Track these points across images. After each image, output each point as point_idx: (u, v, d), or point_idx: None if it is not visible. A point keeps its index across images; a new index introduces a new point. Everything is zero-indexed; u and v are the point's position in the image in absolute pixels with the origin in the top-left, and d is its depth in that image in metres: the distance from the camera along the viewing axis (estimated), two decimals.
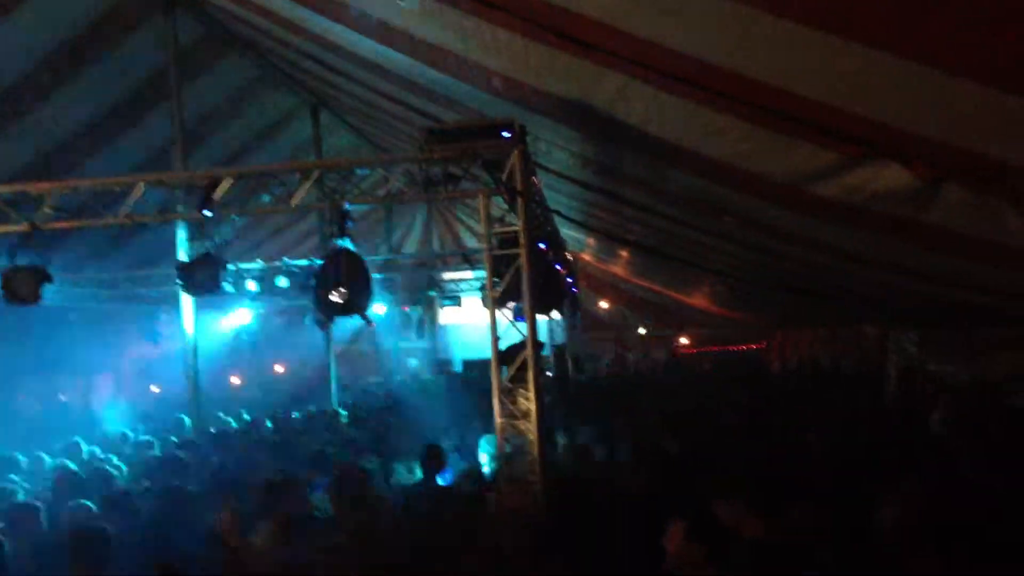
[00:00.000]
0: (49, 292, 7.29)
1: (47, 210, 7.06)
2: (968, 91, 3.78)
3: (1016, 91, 3.69)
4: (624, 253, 16.81)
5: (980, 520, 4.46)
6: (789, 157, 5.46)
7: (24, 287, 7.11)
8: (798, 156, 5.36)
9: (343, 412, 13.17)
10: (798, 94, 4.62)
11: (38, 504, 6.42)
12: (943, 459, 6.59)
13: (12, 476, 7.98)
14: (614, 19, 4.88)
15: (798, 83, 4.58)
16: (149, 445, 10.12)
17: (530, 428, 6.62)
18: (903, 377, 12.47)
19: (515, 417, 6.68)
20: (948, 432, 8.03)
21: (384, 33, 7.18)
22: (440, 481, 7.60)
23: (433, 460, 8.10)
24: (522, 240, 6.73)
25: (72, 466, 8.05)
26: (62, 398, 17.30)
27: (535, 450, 6.54)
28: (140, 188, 7.07)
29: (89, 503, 6.26)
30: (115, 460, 8.84)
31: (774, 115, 4.93)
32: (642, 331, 24.23)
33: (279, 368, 21.10)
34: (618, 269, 20.00)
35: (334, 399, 15.18)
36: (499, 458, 6.72)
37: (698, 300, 19.48)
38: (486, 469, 7.69)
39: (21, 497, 6.87)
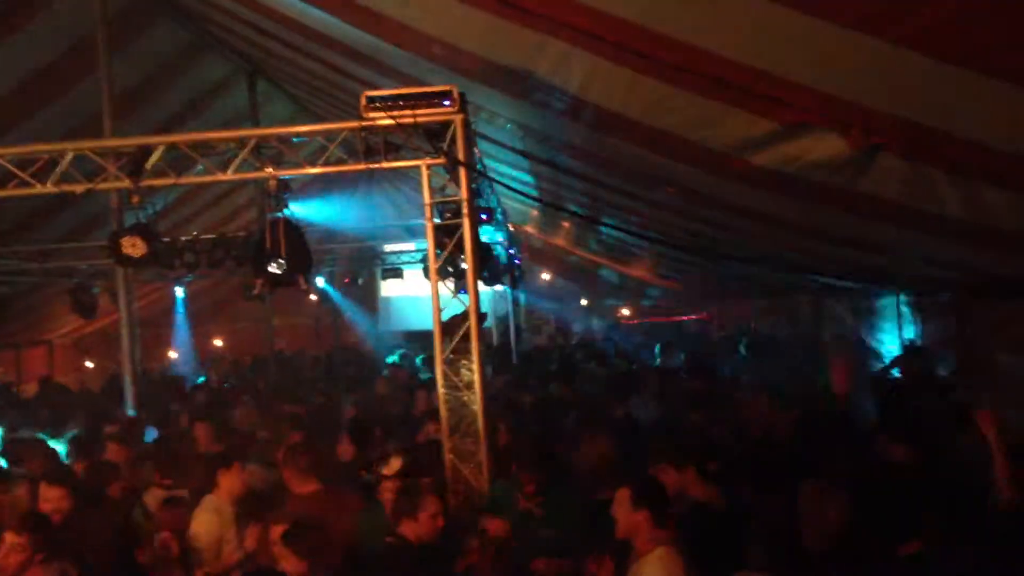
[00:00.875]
0: None
1: None
2: (905, 59, 3.82)
3: (952, 60, 3.74)
4: (566, 224, 16.84)
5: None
6: (727, 126, 5.49)
7: None
8: (736, 125, 5.39)
9: None
10: (737, 62, 4.64)
11: None
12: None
13: None
14: None
15: (737, 51, 4.60)
16: None
17: (473, 399, 6.61)
18: (837, 345, 12.73)
19: (457, 388, 6.66)
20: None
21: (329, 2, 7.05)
22: None
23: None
24: (465, 210, 6.69)
25: None
26: None
27: (479, 421, 6.54)
28: (69, 156, 6.87)
29: None
30: None
31: (713, 83, 4.95)
32: (584, 302, 24.40)
33: (217, 342, 20.82)
34: (560, 240, 20.05)
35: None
36: (444, 428, 6.70)
37: (639, 271, 19.64)
38: None
39: None
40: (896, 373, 10.24)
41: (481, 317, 6.78)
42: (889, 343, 11.44)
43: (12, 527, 5.17)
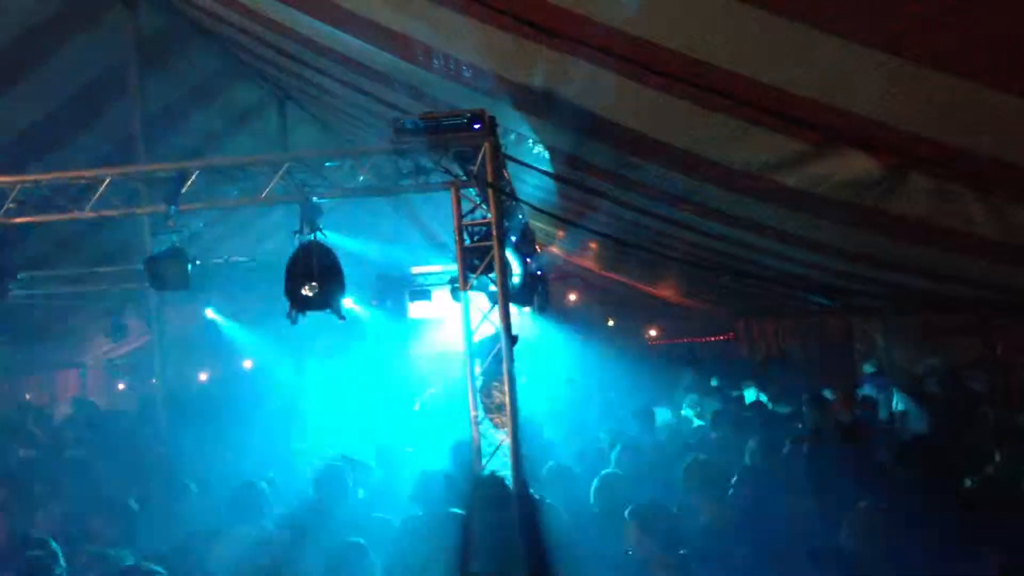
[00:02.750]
0: (14, 287, 7.22)
1: (11, 205, 6.96)
2: (934, 80, 3.84)
3: (978, 79, 3.76)
4: (592, 245, 16.86)
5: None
6: (753, 146, 5.51)
7: None
8: (762, 145, 5.41)
9: None
10: (762, 82, 4.66)
11: None
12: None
13: None
14: (580, 6, 4.90)
15: (761, 71, 4.63)
16: None
17: (505, 421, 6.63)
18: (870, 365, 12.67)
19: (490, 411, 6.69)
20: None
21: (351, 23, 7.15)
22: None
23: None
24: (495, 233, 6.74)
25: None
26: (27, 397, 17.08)
27: (510, 443, 6.56)
28: (107, 181, 7.00)
29: None
30: None
31: (739, 103, 4.97)
32: (610, 323, 24.36)
33: (247, 364, 20.94)
34: (586, 262, 20.06)
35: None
36: (475, 450, 6.73)
37: (664, 291, 19.61)
38: None
39: None
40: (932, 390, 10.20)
41: (513, 339, 6.81)
42: (918, 362, 11.37)
43: None
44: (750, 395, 13.18)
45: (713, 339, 23.41)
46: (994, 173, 4.60)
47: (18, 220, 7.06)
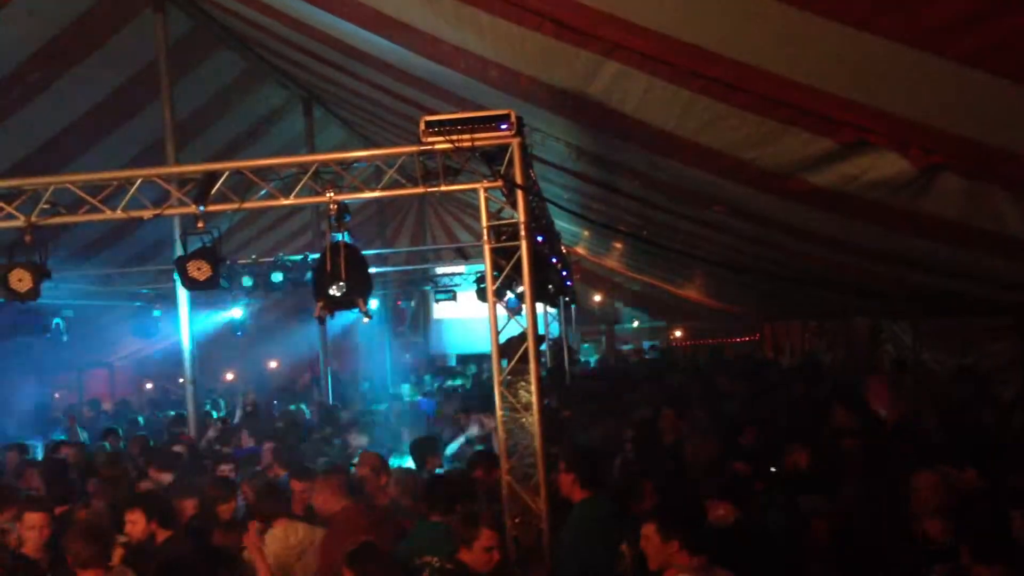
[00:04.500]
0: (45, 288, 7.29)
1: (44, 206, 7.03)
2: (966, 78, 3.81)
3: (1012, 77, 3.72)
4: (618, 246, 16.84)
5: None
6: (784, 145, 5.47)
7: (23, 283, 7.10)
8: (793, 144, 5.37)
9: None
10: (794, 80, 4.64)
11: None
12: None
13: None
14: (610, 6, 4.89)
15: (794, 69, 4.60)
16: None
17: (531, 420, 6.62)
18: (896, 368, 12.53)
19: (516, 410, 6.69)
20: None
21: (378, 23, 7.18)
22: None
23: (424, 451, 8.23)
24: (523, 233, 6.73)
25: None
26: (56, 396, 17.25)
27: (536, 442, 6.56)
28: (138, 182, 7.07)
29: None
30: None
31: (770, 102, 4.95)
32: (635, 324, 24.32)
33: (273, 364, 21.09)
34: (612, 262, 20.05)
35: (330, 394, 15.22)
36: (501, 450, 6.73)
37: (690, 292, 19.54)
38: None
39: None
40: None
41: (539, 339, 6.81)
42: (950, 366, 11.24)
43: None
44: None
45: (739, 340, 23.32)
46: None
47: (51, 221, 7.13)
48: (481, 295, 8.89)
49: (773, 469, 7.19)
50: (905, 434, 7.91)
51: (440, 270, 18.13)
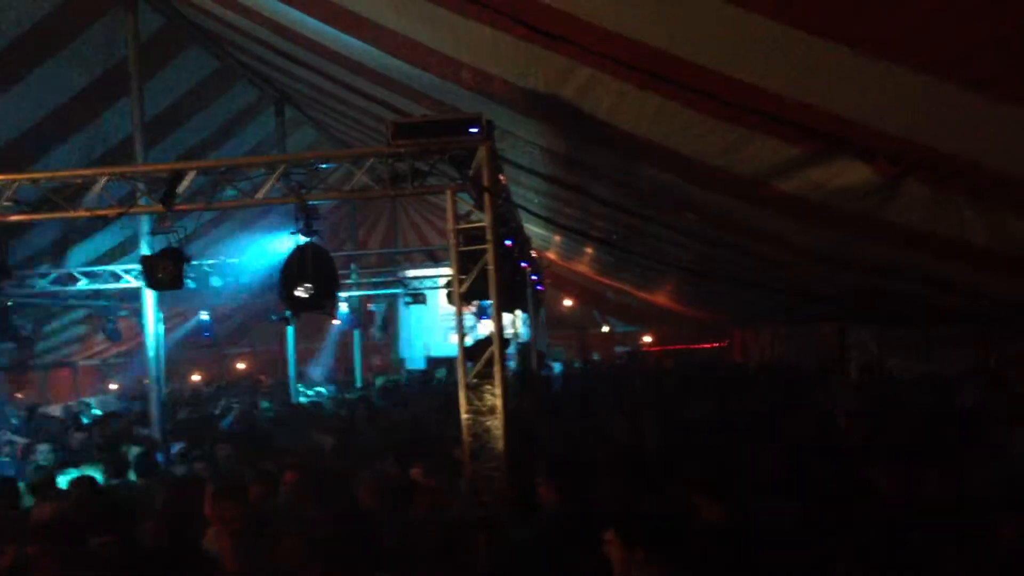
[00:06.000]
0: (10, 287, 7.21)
1: (6, 203, 6.94)
2: (930, 88, 3.85)
3: (977, 88, 3.76)
4: (589, 251, 16.87)
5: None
6: (752, 152, 5.51)
7: None
8: (761, 151, 5.42)
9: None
10: (763, 88, 4.67)
11: None
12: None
13: None
14: (583, 11, 4.90)
15: (764, 77, 4.63)
16: None
17: (496, 424, 6.62)
18: (863, 374, 12.65)
19: (481, 413, 6.68)
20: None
21: (351, 23, 7.15)
22: None
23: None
24: (489, 237, 6.73)
25: None
26: (19, 396, 17.02)
27: (500, 445, 6.55)
28: (103, 180, 6.98)
29: None
30: None
31: (738, 109, 4.98)
32: (605, 329, 24.39)
33: (241, 365, 20.94)
34: (583, 267, 20.08)
35: (294, 395, 15.13)
36: (466, 453, 6.71)
37: (661, 298, 19.62)
38: None
39: None
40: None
41: (505, 343, 6.80)
42: (914, 372, 11.36)
43: None
44: None
45: (708, 346, 23.45)
46: (991, 183, 4.61)
47: (14, 218, 7.03)
48: (450, 298, 8.87)
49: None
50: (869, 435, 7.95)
51: (411, 273, 18.08)
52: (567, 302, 23.49)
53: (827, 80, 4.35)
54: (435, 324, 21.13)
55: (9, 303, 11.48)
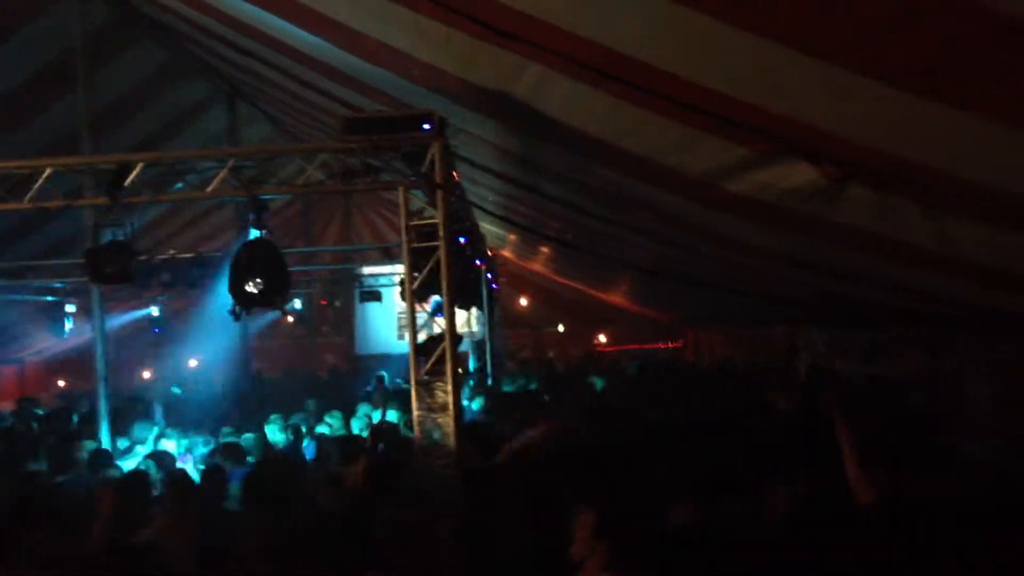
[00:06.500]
0: None
1: None
2: (878, 91, 3.90)
3: (924, 93, 3.82)
4: (544, 250, 16.91)
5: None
6: (703, 152, 5.56)
7: None
8: (711, 151, 5.46)
9: None
10: (713, 89, 4.71)
11: None
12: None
13: None
14: (536, 9, 4.90)
15: (713, 78, 4.67)
16: None
17: (447, 421, 6.61)
18: (809, 375, 12.78)
19: (432, 410, 6.66)
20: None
21: (305, 18, 7.09)
22: None
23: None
24: (442, 234, 6.72)
25: None
26: None
27: (451, 442, 6.54)
28: (47, 172, 6.85)
29: None
30: None
31: (689, 110, 5.01)
32: (561, 328, 24.45)
33: (193, 362, 20.64)
34: (538, 266, 20.11)
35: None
36: (417, 450, 6.70)
37: (615, 298, 19.72)
38: None
39: None
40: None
41: (458, 340, 6.80)
42: (860, 374, 11.50)
43: None
44: None
45: (662, 347, 23.60)
46: (935, 186, 4.68)
47: None
48: (404, 295, 8.83)
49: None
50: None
51: (366, 270, 17.97)
52: (523, 301, 23.52)
53: (776, 82, 4.39)
54: (391, 321, 21.01)
55: None
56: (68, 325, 14.70)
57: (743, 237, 7.52)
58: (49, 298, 14.71)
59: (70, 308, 14.62)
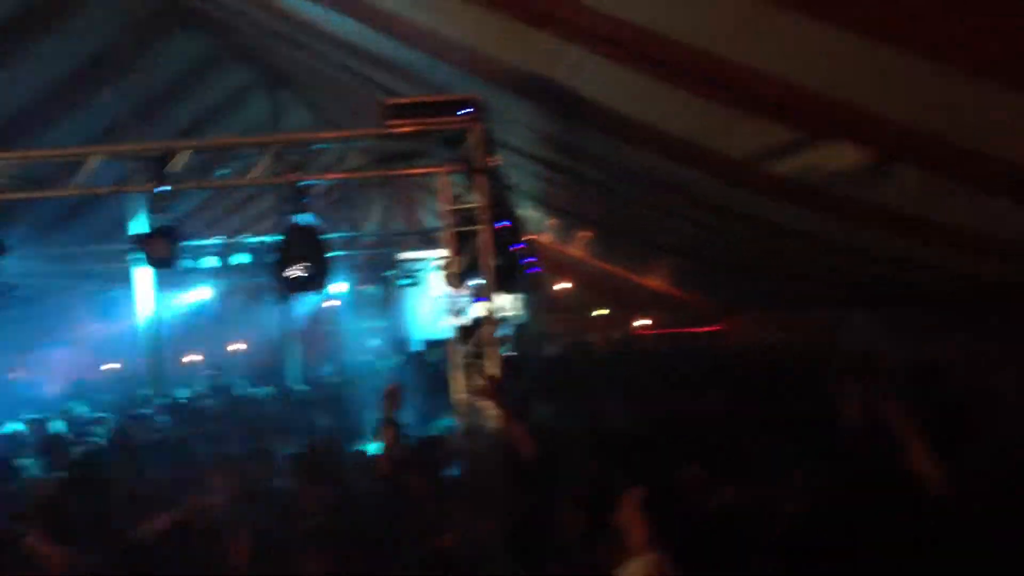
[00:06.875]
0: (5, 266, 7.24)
1: (3, 180, 6.95)
2: (925, 72, 3.85)
3: (970, 72, 3.77)
4: (583, 234, 16.88)
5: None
6: (747, 134, 5.52)
7: None
8: (756, 133, 5.42)
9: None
10: (758, 70, 4.67)
11: None
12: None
13: None
14: None
15: (757, 59, 4.63)
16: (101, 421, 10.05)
17: (489, 404, 6.64)
18: (853, 360, 12.63)
19: (475, 392, 6.72)
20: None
21: (344, 3, 7.13)
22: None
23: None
24: (482, 218, 6.75)
25: None
26: (9, 376, 17.01)
27: (493, 424, 6.57)
28: (95, 159, 6.98)
29: None
30: None
31: (733, 91, 4.98)
32: (600, 312, 24.38)
33: (238, 347, 20.93)
34: (577, 250, 20.07)
35: (293, 378, 15.15)
36: (459, 433, 6.75)
37: (655, 282, 19.63)
38: None
39: None
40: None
41: (498, 324, 6.83)
42: (906, 358, 11.36)
43: None
44: None
45: (702, 330, 23.43)
46: (983, 168, 4.62)
47: (8, 196, 7.04)
48: (445, 280, 8.88)
49: None
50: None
51: (406, 255, 18.02)
52: (563, 285, 23.47)
53: (819, 62, 4.35)
54: (430, 307, 21.08)
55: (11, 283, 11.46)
56: (116, 309, 14.95)
57: (785, 219, 7.46)
58: (98, 282, 14.94)
59: (117, 293, 14.86)
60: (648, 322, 24.21)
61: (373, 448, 8.01)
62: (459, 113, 6.48)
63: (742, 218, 8.08)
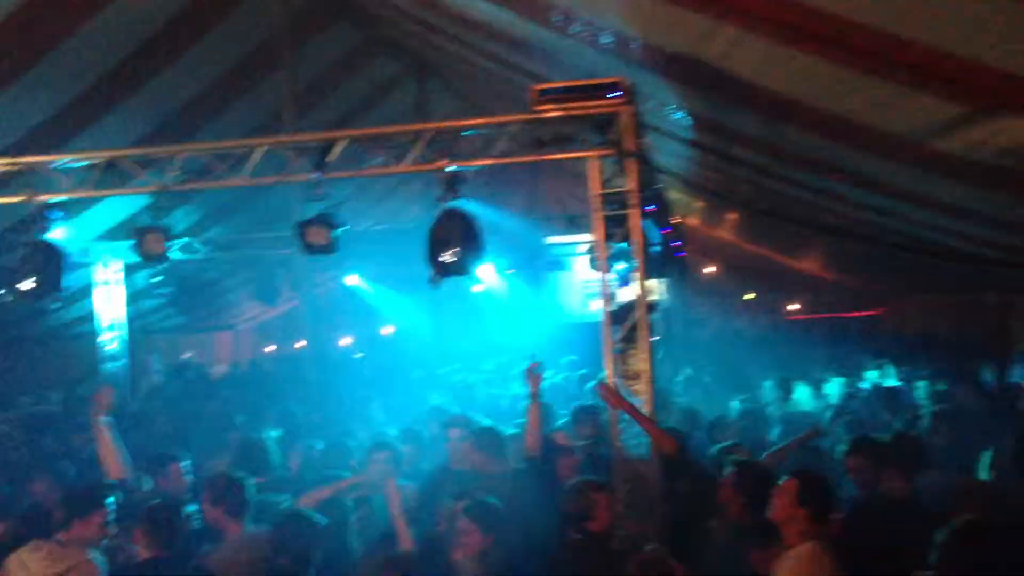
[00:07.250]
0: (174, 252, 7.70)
1: (175, 172, 7.37)
2: None
3: None
4: (732, 216, 16.53)
5: None
6: (910, 110, 5.29)
7: (155, 245, 7.55)
8: (919, 109, 5.18)
9: None
10: (920, 43, 4.46)
11: None
12: None
13: None
14: None
15: (920, 31, 4.42)
16: None
17: (642, 388, 6.63)
18: None
19: (627, 377, 6.70)
20: None
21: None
22: None
23: None
24: (632, 202, 6.70)
25: None
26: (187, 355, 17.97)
27: (646, 410, 6.55)
28: (262, 150, 7.32)
29: None
30: None
31: (895, 66, 4.77)
32: (749, 296, 23.85)
33: (387, 330, 21.59)
34: (726, 233, 19.67)
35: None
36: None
37: (807, 265, 19.04)
38: None
39: None
40: None
41: (650, 307, 6.79)
42: None
43: None
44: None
45: (859, 315, 22.58)
46: None
47: (181, 187, 7.47)
48: (593, 264, 8.84)
49: None
50: None
51: (552, 239, 18.09)
52: (711, 269, 23.05)
53: (989, 33, 4.12)
54: (577, 291, 21.11)
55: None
56: (277, 293, 15.59)
57: (951, 199, 7.11)
58: (260, 268, 15.62)
59: (279, 277, 15.49)
60: (799, 307, 23.54)
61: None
62: (608, 96, 6.44)
63: (905, 197, 7.74)
